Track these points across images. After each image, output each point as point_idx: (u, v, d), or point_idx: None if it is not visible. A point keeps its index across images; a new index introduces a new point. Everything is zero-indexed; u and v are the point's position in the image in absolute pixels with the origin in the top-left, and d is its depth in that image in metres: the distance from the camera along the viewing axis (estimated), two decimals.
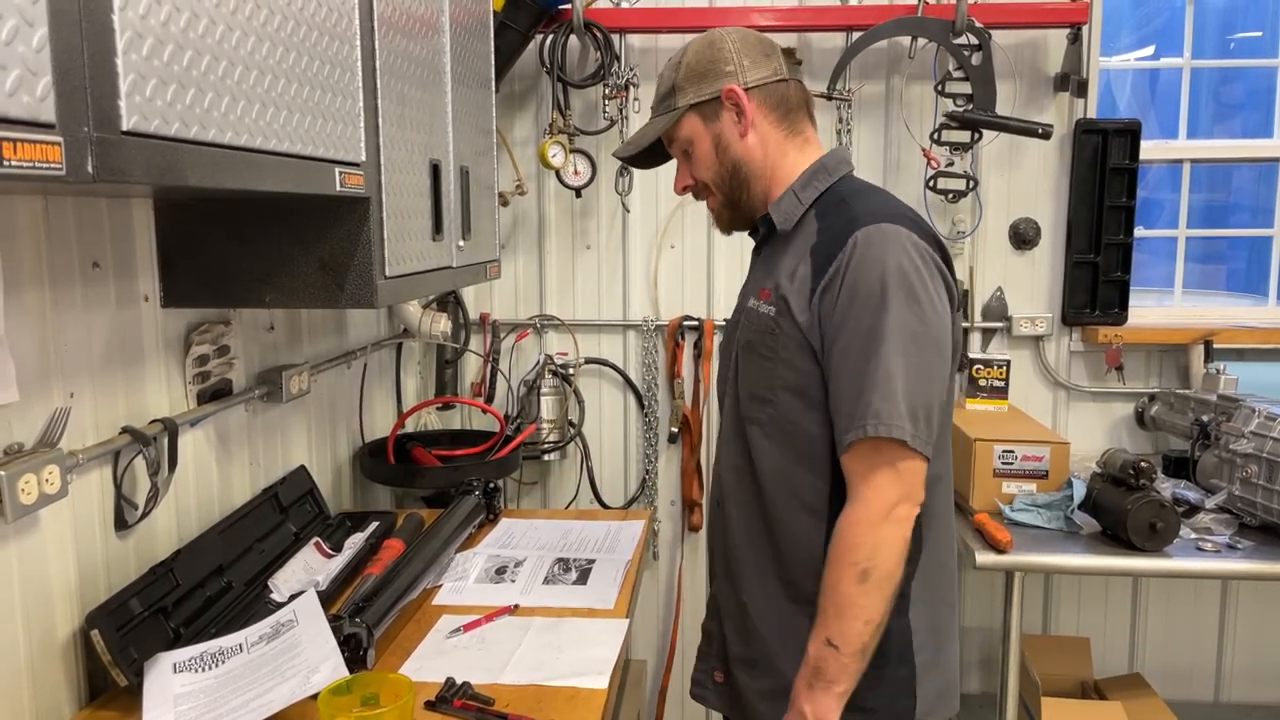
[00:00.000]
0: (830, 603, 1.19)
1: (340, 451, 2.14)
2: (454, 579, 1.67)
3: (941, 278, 1.24)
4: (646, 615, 2.77)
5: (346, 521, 1.91)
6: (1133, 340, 2.54)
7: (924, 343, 1.20)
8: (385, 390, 2.44)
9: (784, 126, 1.34)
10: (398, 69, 1.50)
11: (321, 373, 1.99)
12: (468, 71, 1.86)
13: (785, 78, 1.35)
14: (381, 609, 1.46)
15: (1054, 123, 2.39)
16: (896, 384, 1.17)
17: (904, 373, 1.18)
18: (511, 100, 2.59)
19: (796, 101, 1.36)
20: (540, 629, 1.49)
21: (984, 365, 2.41)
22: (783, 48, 1.42)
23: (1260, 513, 2.09)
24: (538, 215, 2.65)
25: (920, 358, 1.19)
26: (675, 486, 2.72)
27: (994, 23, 2.36)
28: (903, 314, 1.18)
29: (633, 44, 2.56)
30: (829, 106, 2.49)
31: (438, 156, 1.68)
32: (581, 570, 1.69)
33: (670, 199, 2.62)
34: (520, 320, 2.68)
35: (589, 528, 1.93)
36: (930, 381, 1.21)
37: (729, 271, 2.64)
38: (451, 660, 1.40)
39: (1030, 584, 2.65)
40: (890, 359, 1.17)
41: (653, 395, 2.66)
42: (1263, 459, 2.07)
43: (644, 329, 2.64)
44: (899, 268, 1.19)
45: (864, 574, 1.17)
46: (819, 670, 1.19)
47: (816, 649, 1.19)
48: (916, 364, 1.19)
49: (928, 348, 1.20)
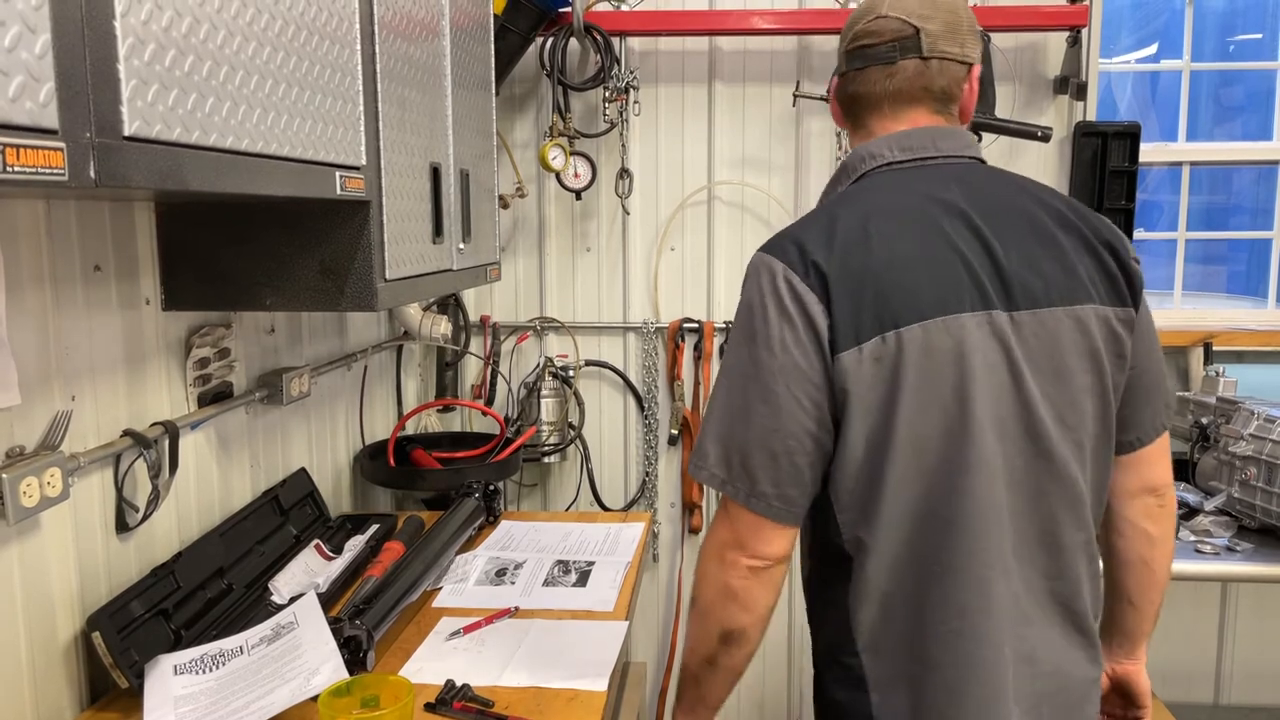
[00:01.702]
0: None
1: (340, 454, 2.15)
2: (454, 581, 1.68)
3: (801, 313, 1.07)
4: (646, 617, 2.77)
5: (347, 524, 1.91)
6: None
7: (750, 387, 1.09)
8: (386, 392, 2.44)
9: (848, 121, 1.27)
10: (398, 73, 1.51)
11: (322, 375, 1.99)
12: (468, 75, 1.86)
13: (844, 70, 1.23)
14: (381, 611, 1.46)
15: (1053, 125, 2.39)
16: (710, 426, 1.13)
17: (720, 416, 1.12)
18: (512, 103, 2.60)
19: (862, 93, 1.21)
20: (540, 631, 1.49)
21: None
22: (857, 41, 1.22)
23: (1259, 515, 2.10)
24: (538, 217, 2.65)
25: (743, 401, 1.09)
26: (675, 489, 2.72)
27: (993, 25, 2.36)
28: (735, 354, 1.12)
29: (633, 47, 2.56)
30: (823, 109, 2.48)
31: (438, 160, 1.69)
32: (581, 572, 1.69)
33: (670, 201, 2.62)
34: (520, 322, 2.69)
35: (589, 530, 1.94)
36: (748, 427, 1.09)
37: (729, 273, 2.65)
38: (451, 662, 1.41)
39: None
40: (715, 399, 1.13)
41: (653, 397, 2.67)
42: (1262, 461, 2.08)
43: (644, 331, 2.65)
44: (745, 304, 1.12)
45: (692, 600, 1.21)
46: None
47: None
48: (738, 407, 1.10)
49: (753, 393, 1.08)
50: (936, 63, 1.16)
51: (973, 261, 1.09)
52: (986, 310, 1.07)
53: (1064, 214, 1.15)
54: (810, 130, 2.57)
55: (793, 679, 2.78)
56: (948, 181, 1.15)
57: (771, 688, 2.79)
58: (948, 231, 1.10)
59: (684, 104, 2.60)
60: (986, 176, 1.19)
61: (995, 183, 1.18)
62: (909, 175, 1.17)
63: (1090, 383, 1.13)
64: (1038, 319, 1.09)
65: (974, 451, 1.06)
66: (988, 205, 1.13)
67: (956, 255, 1.09)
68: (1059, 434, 1.10)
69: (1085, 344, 1.11)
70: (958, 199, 1.13)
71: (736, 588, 1.15)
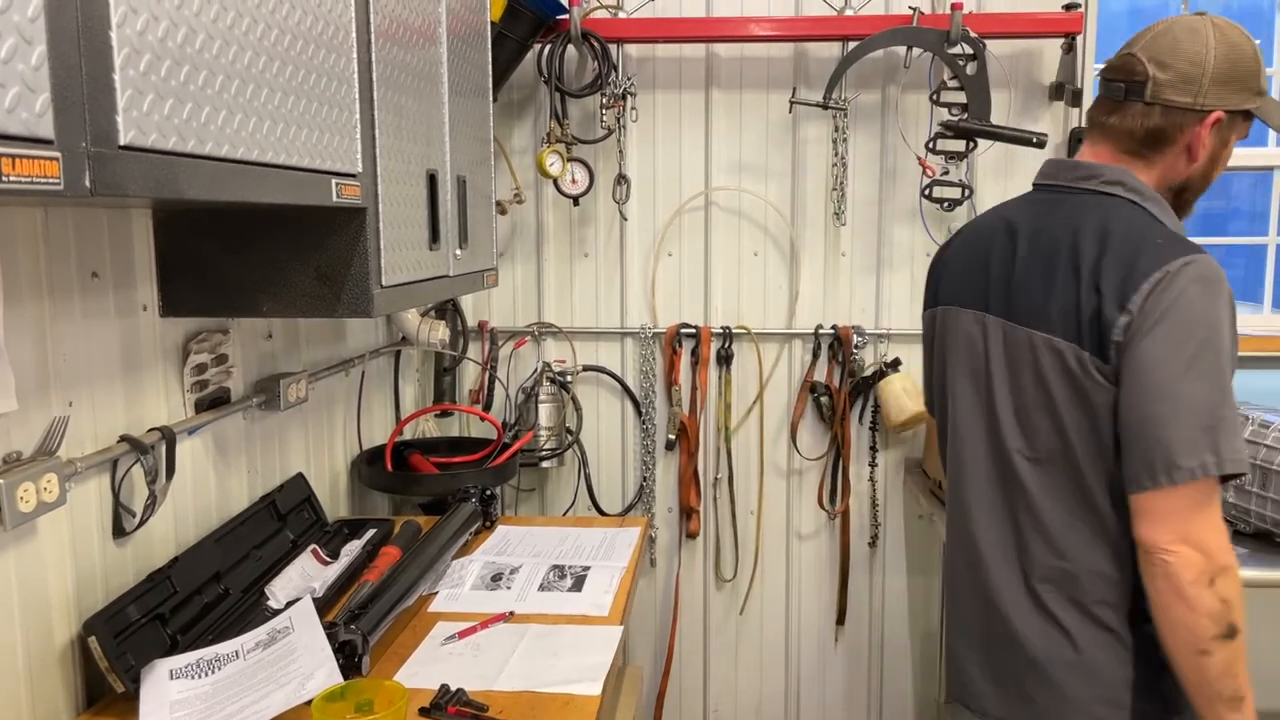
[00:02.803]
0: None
1: (338, 459, 2.15)
2: (450, 586, 1.68)
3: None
4: (644, 621, 2.78)
5: (344, 529, 1.92)
6: None
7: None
8: (384, 398, 2.45)
9: None
10: (394, 80, 1.52)
11: (319, 381, 2.00)
12: (465, 81, 1.87)
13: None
14: (377, 616, 1.47)
15: (1049, 132, 2.40)
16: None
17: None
18: (510, 109, 2.61)
19: (1089, 115, 1.39)
20: (535, 636, 1.50)
21: None
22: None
23: (1255, 520, 2.10)
24: (536, 223, 2.66)
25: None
26: (673, 493, 2.73)
27: (989, 33, 2.37)
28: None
29: (630, 53, 2.57)
30: (825, 116, 2.51)
31: (434, 166, 1.70)
32: (577, 577, 1.70)
33: (668, 207, 2.64)
34: (518, 328, 2.69)
35: (585, 534, 1.94)
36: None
37: (726, 279, 2.66)
38: (446, 667, 1.41)
39: None
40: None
41: (650, 403, 2.67)
42: (1256, 466, 2.08)
43: (641, 336, 2.65)
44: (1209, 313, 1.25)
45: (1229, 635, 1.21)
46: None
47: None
48: None
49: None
50: (1160, 109, 1.28)
51: (993, 271, 1.35)
52: (979, 310, 1.36)
53: (1084, 250, 1.23)
54: (807, 136, 2.58)
55: (789, 685, 2.78)
56: (1034, 205, 1.36)
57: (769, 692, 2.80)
58: (991, 244, 1.37)
59: (681, 110, 2.61)
60: (1067, 205, 1.32)
61: (1065, 210, 1.31)
62: (1026, 196, 1.41)
63: (1041, 400, 1.25)
64: (1009, 329, 1.31)
65: (953, 412, 1.40)
66: (1036, 229, 1.32)
67: (983, 264, 1.37)
68: (1011, 424, 1.30)
69: (1034, 365, 1.26)
70: (1021, 220, 1.35)
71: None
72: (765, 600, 2.77)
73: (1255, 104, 1.30)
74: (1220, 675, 1.18)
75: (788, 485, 2.72)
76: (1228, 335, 1.18)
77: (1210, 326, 1.17)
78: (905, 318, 2.63)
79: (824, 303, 2.65)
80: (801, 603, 2.76)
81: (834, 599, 2.73)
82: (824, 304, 2.65)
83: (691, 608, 2.77)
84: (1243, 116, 1.31)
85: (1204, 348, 1.16)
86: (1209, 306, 1.17)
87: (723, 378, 2.67)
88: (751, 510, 2.73)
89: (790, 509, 2.73)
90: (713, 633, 2.79)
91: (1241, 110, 1.29)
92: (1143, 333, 1.16)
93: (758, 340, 2.66)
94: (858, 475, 2.69)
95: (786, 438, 2.69)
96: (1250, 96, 1.29)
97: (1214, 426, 1.15)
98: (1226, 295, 1.19)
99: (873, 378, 2.59)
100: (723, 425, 2.68)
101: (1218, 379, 1.17)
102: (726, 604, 2.77)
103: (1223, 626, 1.17)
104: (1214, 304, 1.17)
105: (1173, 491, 1.15)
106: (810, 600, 2.76)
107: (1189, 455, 1.14)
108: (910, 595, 2.74)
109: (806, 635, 2.77)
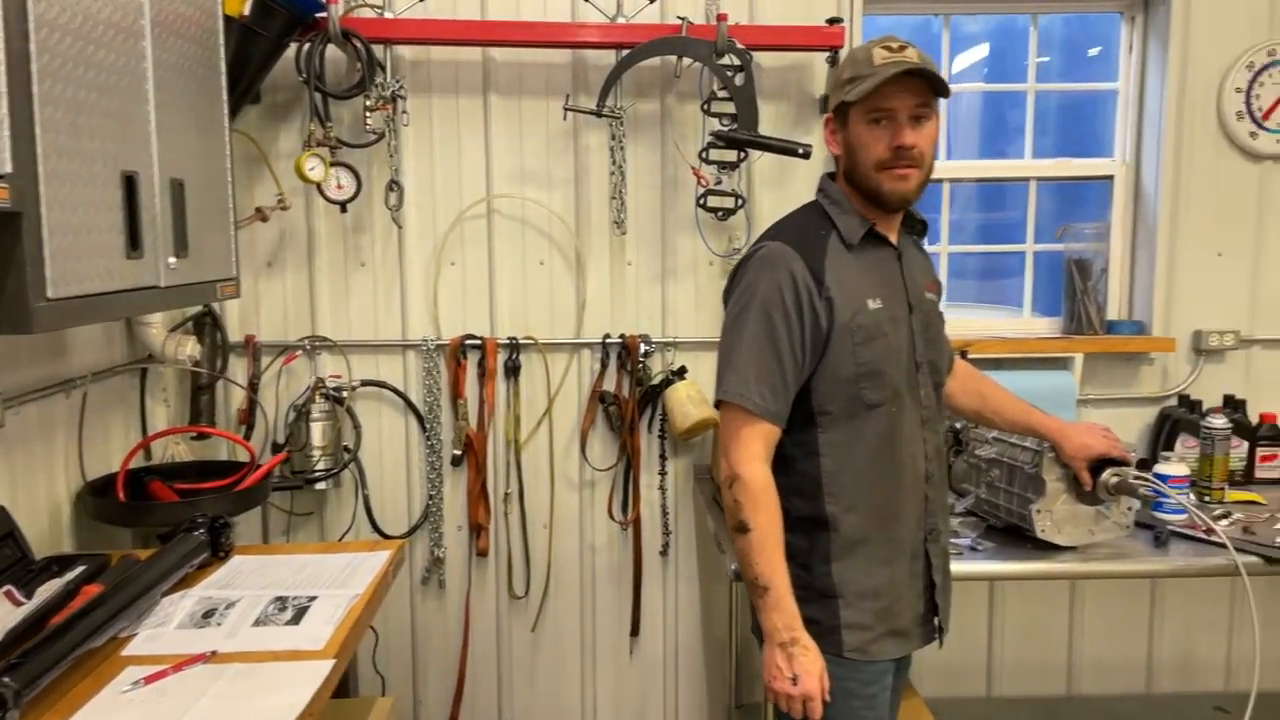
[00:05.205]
0: None
1: (57, 490, 1.96)
2: (153, 626, 1.54)
3: None
4: (432, 645, 2.67)
5: (53, 566, 1.73)
6: None
7: None
8: (126, 421, 2.25)
9: None
10: (70, 74, 1.38)
11: (27, 404, 1.81)
12: (181, 78, 1.73)
13: None
14: (45, 664, 1.31)
15: (815, 143, 2.45)
16: None
17: None
18: (275, 111, 2.47)
19: None
20: (233, 676, 1.38)
21: None
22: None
23: (1003, 515, 2.19)
24: (307, 231, 2.53)
25: None
26: (462, 510, 2.64)
27: (756, 45, 2.41)
28: None
29: (403, 55, 2.48)
30: (601, 124, 2.48)
31: (134, 167, 1.56)
32: (299, 609, 1.59)
33: (448, 215, 2.55)
34: (290, 341, 2.55)
35: (329, 561, 1.83)
36: None
37: (512, 288, 2.60)
38: (122, 716, 1.28)
39: None
40: None
41: (435, 417, 2.58)
42: (1004, 464, 2.18)
43: (424, 349, 2.56)
44: None
45: None
46: None
47: None
48: None
49: None
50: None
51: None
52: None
53: None
54: (589, 144, 2.56)
55: (585, 700, 2.74)
56: None
57: (566, 707, 2.74)
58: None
59: (459, 116, 2.53)
60: None
61: None
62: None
63: None
64: None
65: None
66: None
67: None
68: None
69: None
70: None
71: None
72: (560, 615, 2.71)
73: (844, 94, 1.54)
74: (741, 561, 1.49)
75: (580, 497, 2.68)
76: (773, 301, 1.51)
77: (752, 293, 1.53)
78: (691, 326, 2.64)
79: (611, 312, 2.62)
80: (596, 615, 2.72)
81: (629, 610, 2.70)
82: (611, 313, 2.62)
83: (484, 628, 2.69)
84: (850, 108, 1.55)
85: (745, 310, 1.53)
86: (756, 279, 1.53)
87: (511, 390, 2.61)
88: (544, 524, 2.67)
89: (583, 521, 2.68)
90: (506, 652, 2.71)
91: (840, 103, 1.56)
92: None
93: (545, 351, 2.61)
94: (648, 484, 2.67)
95: (577, 449, 2.64)
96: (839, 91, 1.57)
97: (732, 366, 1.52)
98: (784, 271, 1.52)
99: (660, 386, 2.58)
100: (512, 438, 2.61)
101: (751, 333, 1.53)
102: (521, 621, 2.70)
103: (735, 521, 1.49)
104: (760, 277, 1.53)
105: (722, 409, 1.54)
106: (605, 612, 2.72)
107: (720, 383, 1.53)
108: (703, 603, 2.74)
109: (602, 648, 2.73)
